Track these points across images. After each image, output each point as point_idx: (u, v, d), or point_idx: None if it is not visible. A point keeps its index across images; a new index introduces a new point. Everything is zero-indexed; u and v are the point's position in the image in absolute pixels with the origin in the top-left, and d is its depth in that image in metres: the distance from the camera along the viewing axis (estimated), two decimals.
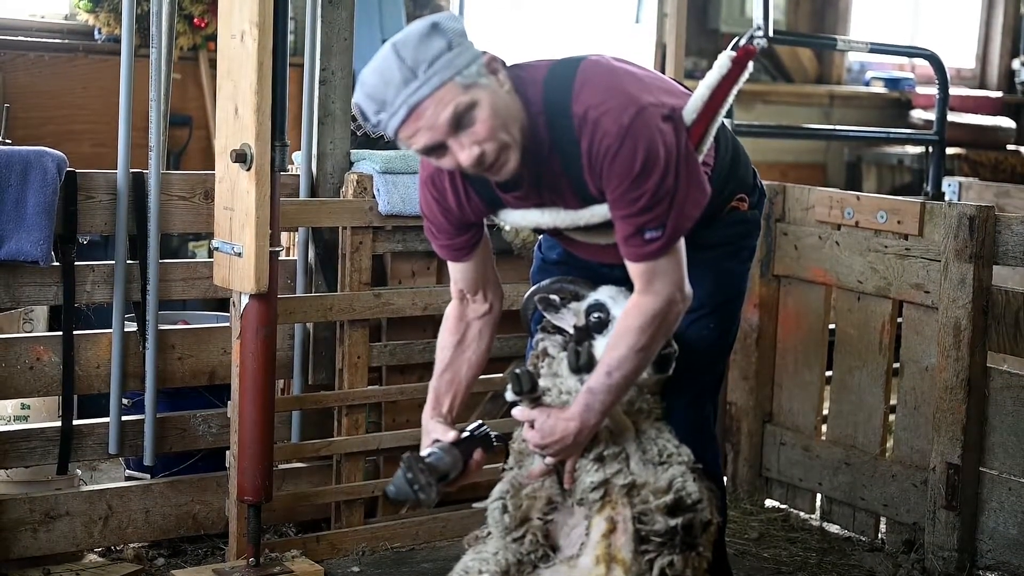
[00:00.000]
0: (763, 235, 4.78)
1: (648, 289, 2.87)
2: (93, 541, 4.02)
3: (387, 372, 4.43)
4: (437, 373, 3.16)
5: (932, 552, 4.24)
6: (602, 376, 2.89)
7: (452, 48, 2.65)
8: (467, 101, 2.69)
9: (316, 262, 4.32)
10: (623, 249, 2.86)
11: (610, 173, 2.78)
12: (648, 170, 2.75)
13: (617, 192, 2.80)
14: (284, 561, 3.99)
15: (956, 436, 4.17)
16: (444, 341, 3.17)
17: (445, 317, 3.20)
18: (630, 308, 2.90)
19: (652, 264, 2.84)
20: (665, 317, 2.89)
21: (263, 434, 3.87)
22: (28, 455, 3.91)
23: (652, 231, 2.80)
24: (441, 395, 3.11)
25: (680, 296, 2.90)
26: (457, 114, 2.69)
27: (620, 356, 2.88)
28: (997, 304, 4.14)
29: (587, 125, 2.77)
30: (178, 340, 4.10)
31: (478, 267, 3.13)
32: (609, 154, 2.76)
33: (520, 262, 4.38)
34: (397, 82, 2.64)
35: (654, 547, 2.89)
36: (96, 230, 3.98)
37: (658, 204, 2.78)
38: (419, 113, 2.67)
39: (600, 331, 3.03)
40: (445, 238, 3.06)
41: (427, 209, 3.03)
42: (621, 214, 2.82)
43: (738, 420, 4.96)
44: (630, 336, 2.87)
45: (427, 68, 2.63)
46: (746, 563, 4.31)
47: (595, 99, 2.78)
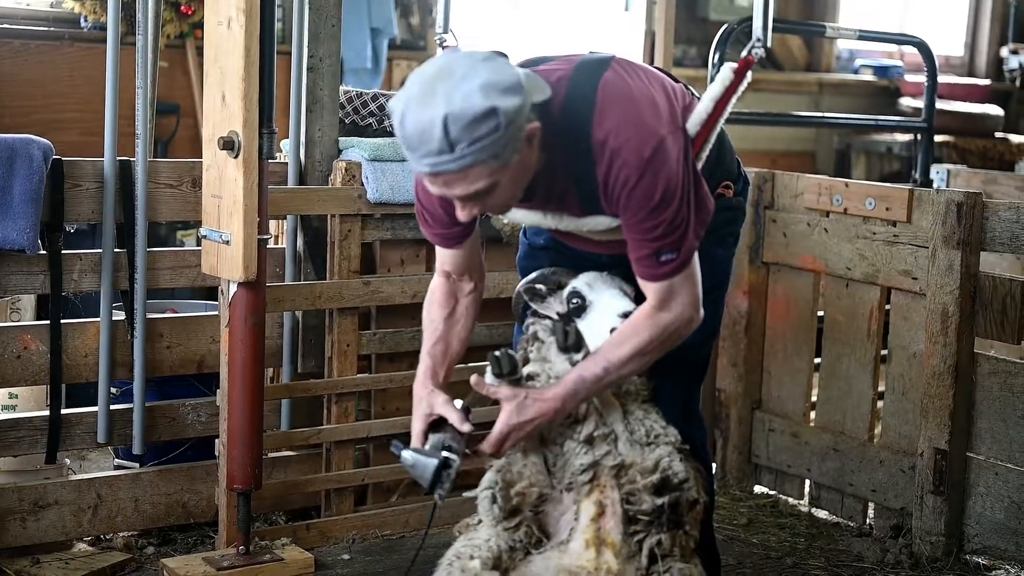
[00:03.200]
0: (752, 222, 4.79)
1: (664, 307, 2.91)
2: (82, 530, 4.01)
3: (376, 360, 4.43)
4: (429, 343, 3.14)
5: (920, 537, 4.26)
6: (598, 370, 2.91)
7: (499, 130, 2.61)
8: (490, 184, 2.70)
9: (305, 250, 4.31)
10: (637, 268, 2.90)
11: (628, 203, 2.82)
12: (666, 202, 2.80)
13: (634, 220, 2.84)
14: (274, 549, 3.99)
15: (944, 422, 4.19)
16: (434, 314, 3.17)
17: (432, 290, 3.19)
18: (643, 317, 2.92)
19: (668, 283, 2.89)
20: (677, 332, 2.94)
21: (252, 422, 3.87)
22: (16, 444, 3.91)
23: (667, 254, 2.85)
24: (437, 365, 3.10)
25: (695, 315, 2.94)
26: (478, 192, 2.71)
27: (621, 357, 2.91)
28: (984, 290, 4.15)
29: (606, 154, 2.79)
30: (167, 329, 4.09)
31: (468, 253, 3.14)
32: (628, 186, 2.79)
33: (508, 249, 4.38)
34: (434, 149, 2.61)
35: (642, 526, 2.91)
36: (83, 218, 3.97)
37: (674, 231, 2.83)
38: (442, 179, 2.68)
39: (579, 315, 3.07)
40: (440, 227, 3.07)
41: (425, 200, 3.03)
42: (636, 237, 2.86)
43: (727, 407, 4.97)
44: (637, 341, 2.91)
45: (467, 147, 2.60)
46: (735, 549, 4.32)
47: (615, 127, 2.79)
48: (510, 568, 2.88)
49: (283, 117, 4.31)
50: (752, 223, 4.80)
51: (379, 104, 4.46)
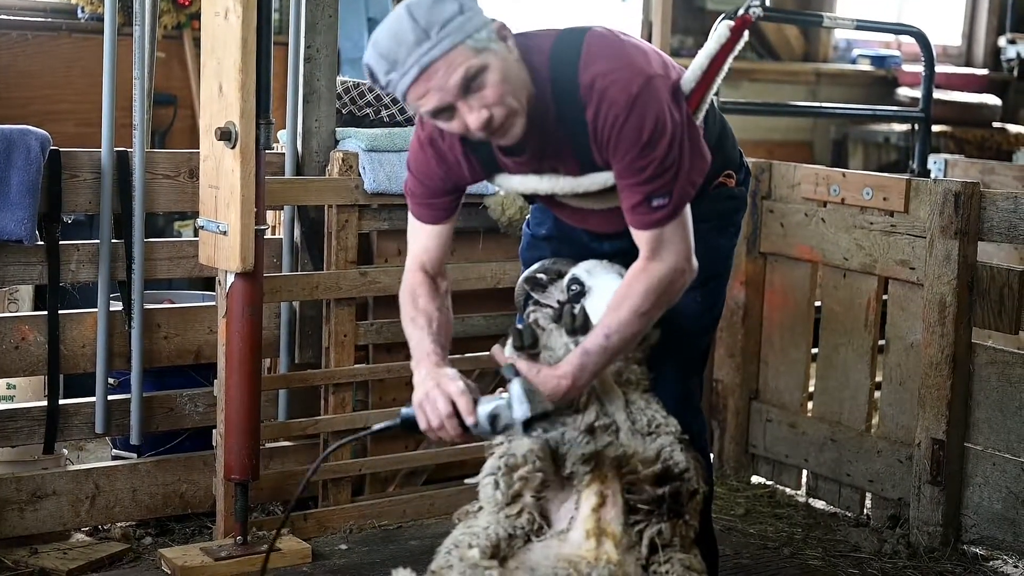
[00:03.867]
0: (749, 212, 4.79)
1: (655, 256, 2.87)
2: (80, 520, 4.02)
3: (373, 350, 4.43)
4: (432, 329, 3.01)
5: (917, 527, 4.26)
6: (600, 338, 2.88)
7: (464, 12, 2.67)
8: (478, 64, 2.70)
9: (302, 240, 4.31)
10: (630, 217, 2.88)
11: (617, 142, 2.80)
12: (656, 139, 2.78)
13: (624, 161, 2.82)
14: None
15: (941, 412, 4.19)
16: (426, 305, 3.05)
17: (414, 286, 3.08)
18: (636, 273, 2.90)
19: (659, 231, 2.86)
20: (671, 284, 2.90)
21: (250, 413, 3.87)
22: (14, 435, 3.91)
23: (659, 198, 2.82)
24: (443, 347, 3.01)
25: (687, 266, 2.91)
26: (468, 76, 2.70)
27: (621, 319, 2.88)
28: (982, 280, 4.15)
29: (594, 94, 2.79)
30: (164, 319, 4.09)
31: (445, 239, 3.10)
32: (617, 124, 2.78)
33: (506, 240, 4.38)
34: (410, 42, 2.65)
35: (642, 516, 2.91)
36: (80, 209, 3.96)
37: (665, 172, 2.80)
38: (430, 74, 2.68)
39: (578, 301, 3.08)
40: (431, 196, 3.05)
41: (422, 167, 3.01)
42: (628, 182, 2.84)
43: (724, 397, 4.97)
44: (633, 299, 2.87)
45: (439, 30, 2.65)
46: (732, 539, 4.32)
47: (602, 69, 2.79)
48: (509, 556, 2.88)
49: (280, 108, 4.30)
50: (749, 213, 4.80)
51: (376, 95, 4.45)
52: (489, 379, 4.58)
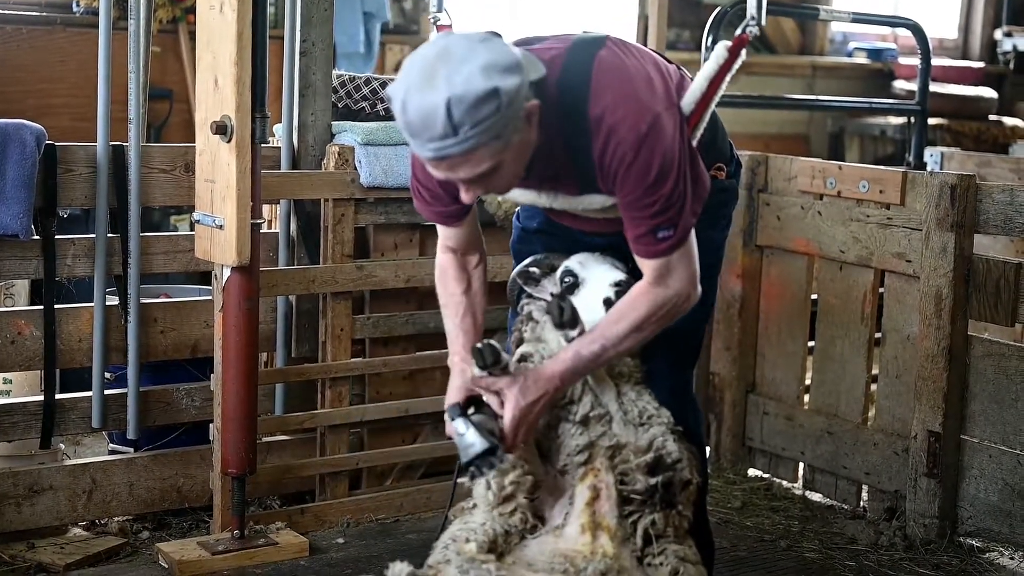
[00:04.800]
0: (745, 205, 4.79)
1: (660, 283, 2.91)
2: (77, 515, 4.02)
3: (370, 344, 4.43)
4: (458, 317, 3.13)
5: (913, 519, 4.27)
6: (596, 347, 2.91)
7: (501, 110, 2.60)
8: (494, 165, 2.69)
9: (298, 234, 4.31)
10: (634, 246, 2.90)
11: (624, 179, 2.81)
12: (663, 178, 2.80)
13: (630, 197, 2.84)
14: (269, 533, 4.00)
15: (937, 404, 4.19)
16: (452, 288, 3.16)
17: (444, 267, 3.18)
18: (640, 293, 2.92)
19: (665, 260, 2.89)
20: (675, 308, 2.94)
21: (247, 407, 3.87)
22: (11, 429, 3.91)
23: (664, 230, 2.84)
24: (471, 338, 3.09)
25: (692, 291, 2.95)
26: (480, 175, 2.71)
27: (619, 333, 2.91)
28: (978, 272, 4.15)
29: (602, 129, 2.79)
30: (160, 313, 4.09)
31: (469, 228, 3.15)
32: (624, 162, 2.79)
33: (502, 233, 4.37)
34: (437, 133, 2.59)
35: (636, 507, 2.92)
36: (76, 203, 3.96)
37: (671, 208, 2.83)
38: (447, 162, 2.67)
39: (571, 293, 3.08)
40: (441, 206, 3.07)
41: (424, 179, 3.01)
42: (633, 215, 2.86)
43: (721, 390, 4.98)
44: (634, 318, 2.91)
45: (470, 128, 2.59)
46: (729, 531, 4.33)
47: (610, 103, 2.79)
48: (506, 552, 2.89)
49: (276, 102, 4.30)
50: (746, 206, 4.80)
51: (372, 88, 4.45)
52: None
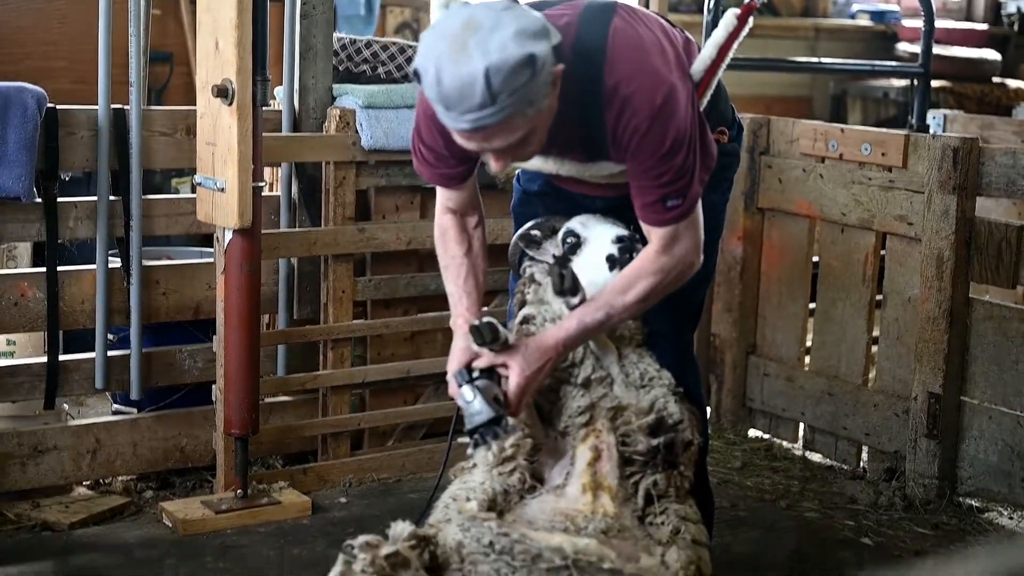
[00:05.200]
0: (747, 168, 4.79)
1: (666, 251, 2.92)
2: (82, 474, 4.04)
3: (372, 306, 4.44)
4: (461, 279, 3.12)
5: (913, 480, 4.29)
6: (600, 315, 2.93)
7: (535, 75, 2.61)
8: (526, 133, 2.70)
9: (299, 197, 4.32)
10: (642, 214, 2.91)
11: (637, 150, 2.82)
12: (676, 150, 2.81)
13: (642, 168, 2.85)
14: (272, 493, 4.02)
15: (938, 366, 4.21)
16: (454, 250, 3.15)
17: (444, 228, 3.17)
18: (646, 263, 2.94)
19: (672, 228, 2.90)
20: (679, 276, 2.96)
21: (249, 368, 3.89)
22: (15, 390, 3.93)
23: (673, 199, 2.86)
24: (474, 300, 3.11)
25: (696, 259, 2.97)
26: (513, 144, 2.71)
27: (625, 303, 2.93)
28: (980, 235, 4.16)
29: (617, 100, 2.79)
30: (162, 276, 4.10)
31: (470, 191, 3.15)
32: (638, 133, 2.80)
33: (503, 195, 4.37)
34: (475, 104, 2.59)
35: (637, 467, 2.93)
36: (78, 166, 3.97)
37: (681, 178, 2.85)
38: (483, 133, 2.67)
39: (574, 253, 3.09)
40: (445, 168, 3.06)
41: (431, 141, 3.01)
42: (643, 184, 2.87)
43: (722, 352, 4.99)
44: (640, 288, 2.93)
45: (507, 97, 2.59)
46: (729, 491, 4.35)
47: (626, 74, 2.79)
48: (506, 510, 2.90)
49: (277, 65, 4.29)
50: (747, 169, 4.80)
51: (373, 51, 4.44)
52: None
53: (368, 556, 2.65)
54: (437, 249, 3.21)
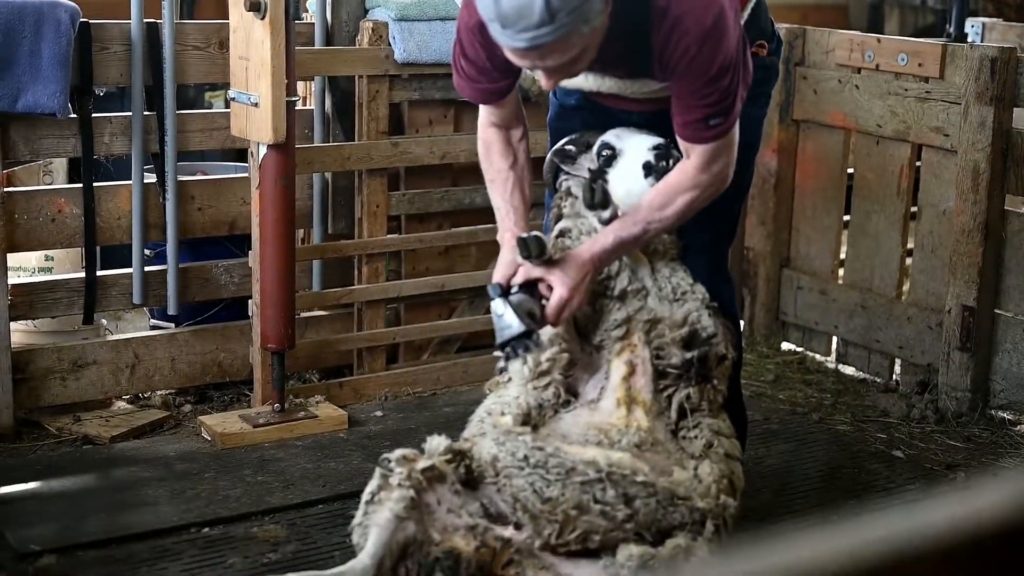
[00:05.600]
0: (782, 79, 4.75)
1: (704, 169, 2.93)
2: (121, 389, 4.10)
3: (406, 221, 4.45)
4: (507, 192, 3.12)
5: (945, 393, 4.30)
6: (637, 230, 2.94)
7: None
8: (581, 50, 2.69)
9: (333, 111, 4.31)
10: (682, 131, 2.91)
11: (686, 71, 2.81)
12: (723, 72, 2.81)
13: (689, 88, 2.84)
14: (308, 406, 4.07)
15: (972, 279, 4.19)
16: (499, 164, 3.15)
17: (488, 143, 3.17)
18: (682, 179, 2.94)
19: (712, 145, 2.91)
20: (714, 193, 2.97)
21: (285, 283, 3.91)
22: (54, 306, 3.97)
23: (716, 119, 2.87)
24: (521, 212, 3.11)
25: (729, 175, 2.98)
26: (567, 63, 2.71)
27: (661, 217, 2.94)
28: (1016, 147, 4.12)
29: (667, 21, 2.77)
30: (198, 191, 4.12)
31: (513, 105, 3.15)
32: (688, 54, 2.78)
33: (536, 108, 4.35)
34: (534, 22, 2.57)
35: (671, 381, 2.95)
36: (112, 81, 3.98)
37: (726, 99, 2.85)
38: (538, 51, 2.65)
39: (609, 165, 3.09)
40: (487, 82, 3.05)
41: (473, 55, 2.99)
42: (688, 103, 2.87)
43: (755, 265, 4.99)
44: (678, 205, 2.94)
45: (565, 16, 2.58)
46: (762, 405, 4.37)
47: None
48: (539, 424, 2.94)
49: None
50: (783, 80, 4.76)
51: None
52: None
53: (405, 470, 2.70)
54: (482, 163, 3.19)
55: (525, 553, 2.69)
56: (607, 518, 2.68)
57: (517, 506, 2.71)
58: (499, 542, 2.69)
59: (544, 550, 2.68)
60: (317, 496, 3.57)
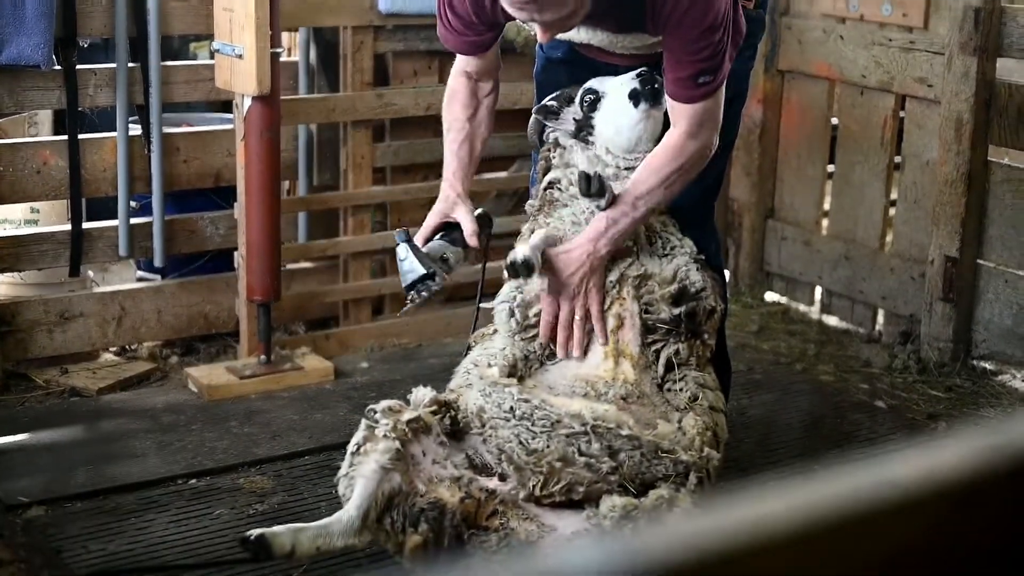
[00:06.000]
0: (768, 30, 4.74)
1: (691, 135, 2.93)
2: (108, 341, 4.11)
3: (391, 172, 4.46)
4: (456, 143, 3.15)
5: (928, 343, 4.33)
6: (628, 207, 2.93)
7: None
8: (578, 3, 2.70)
9: (318, 63, 4.30)
10: (672, 88, 2.91)
11: (678, 25, 2.82)
12: (715, 27, 2.81)
13: (680, 42, 2.84)
14: (294, 358, 4.09)
15: (955, 229, 4.22)
16: (457, 112, 3.17)
17: (453, 90, 3.18)
18: (671, 148, 2.94)
19: (701, 106, 2.90)
20: (701, 160, 2.98)
21: (270, 235, 3.92)
22: (40, 258, 3.98)
23: (705, 76, 2.87)
24: (464, 166, 3.14)
25: (715, 141, 2.99)
26: (563, 17, 2.72)
27: (651, 189, 2.94)
28: (1000, 97, 4.13)
29: None
30: (183, 143, 4.12)
31: (492, 57, 3.15)
32: (680, 8, 2.79)
33: (522, 59, 4.35)
34: None
35: (660, 336, 2.97)
36: (96, 33, 3.96)
37: (716, 55, 2.85)
38: (536, 5, 2.66)
39: (594, 109, 3.09)
40: (473, 35, 3.05)
41: (460, 7, 2.99)
42: (679, 58, 2.87)
43: (740, 215, 5.01)
44: (664, 174, 2.94)
45: None
46: (746, 355, 4.40)
47: None
48: (525, 376, 2.96)
49: None
50: (768, 31, 4.75)
51: None
52: (506, 199, 4.62)
53: (390, 421, 2.72)
54: (443, 111, 3.21)
55: (509, 504, 2.72)
56: (592, 470, 2.70)
57: (503, 457, 2.73)
58: (484, 493, 2.72)
59: (528, 501, 2.71)
60: (303, 447, 3.60)
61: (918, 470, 0.84)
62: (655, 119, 3.02)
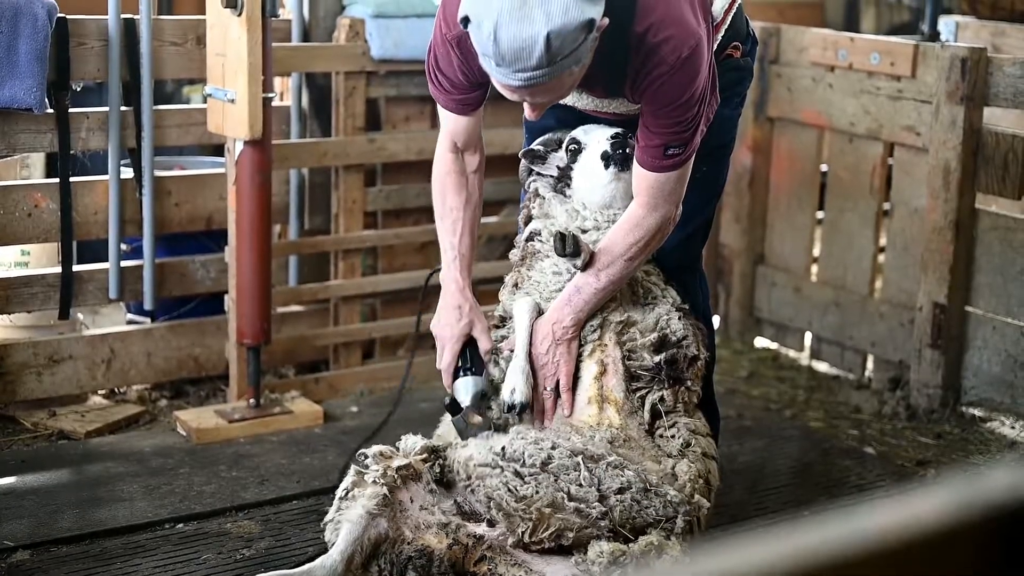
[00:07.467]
0: (757, 77, 4.78)
1: (652, 209, 2.96)
2: (97, 384, 4.11)
3: (383, 216, 4.47)
4: (456, 235, 3.16)
5: (917, 389, 4.34)
6: (592, 277, 2.99)
7: (588, 35, 2.64)
8: (570, 87, 2.78)
9: (310, 107, 4.33)
10: (641, 155, 2.95)
11: (655, 96, 2.85)
12: (690, 103, 2.85)
13: (656, 112, 2.88)
14: (284, 402, 4.09)
15: (943, 276, 4.23)
16: (452, 201, 3.17)
17: (443, 174, 3.18)
18: (631, 223, 2.98)
19: (664, 177, 2.93)
20: (662, 234, 3.02)
21: (261, 278, 3.93)
22: (30, 300, 3.97)
23: (675, 148, 2.91)
24: (467, 262, 3.16)
25: (676, 214, 3.02)
26: (555, 98, 2.80)
27: (612, 260, 2.99)
28: (987, 146, 4.16)
29: (644, 47, 2.81)
30: (175, 186, 4.13)
31: (476, 121, 3.15)
32: (659, 81, 2.82)
33: (514, 106, 4.36)
34: (531, 65, 2.61)
35: (644, 383, 2.98)
36: (89, 76, 3.98)
37: (688, 129, 2.89)
38: (531, 90, 2.70)
39: (575, 160, 3.13)
40: (459, 93, 3.07)
41: (446, 67, 3.01)
42: (651, 127, 2.91)
43: (730, 262, 5.02)
44: (624, 244, 2.98)
45: (563, 59, 2.62)
46: (736, 400, 4.41)
47: (657, 23, 2.80)
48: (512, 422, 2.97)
49: None
50: (757, 78, 4.79)
51: None
52: (496, 243, 4.63)
53: (380, 467, 2.72)
54: (434, 198, 3.21)
55: (497, 550, 2.71)
56: (582, 515, 2.70)
57: (491, 504, 2.73)
58: (471, 539, 2.72)
59: (517, 547, 2.71)
60: (291, 492, 3.59)
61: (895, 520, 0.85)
62: (626, 181, 3.05)
